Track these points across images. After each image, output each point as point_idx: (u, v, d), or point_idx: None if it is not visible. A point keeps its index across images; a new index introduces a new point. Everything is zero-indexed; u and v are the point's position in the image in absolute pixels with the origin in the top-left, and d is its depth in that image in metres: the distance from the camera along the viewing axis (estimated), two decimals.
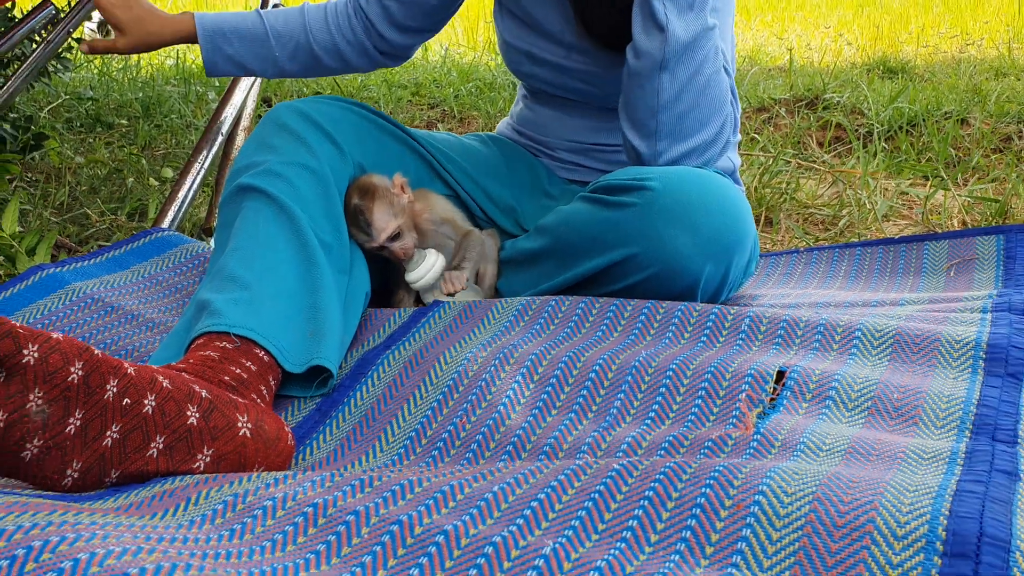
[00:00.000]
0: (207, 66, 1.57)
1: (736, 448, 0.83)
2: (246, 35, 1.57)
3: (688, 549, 0.67)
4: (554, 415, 0.96)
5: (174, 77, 4.73)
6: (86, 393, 0.83)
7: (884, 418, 0.89)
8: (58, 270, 1.39)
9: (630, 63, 1.28)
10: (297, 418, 1.06)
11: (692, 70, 1.26)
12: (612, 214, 1.20)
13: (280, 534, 0.72)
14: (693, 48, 1.25)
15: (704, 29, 1.26)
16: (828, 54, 6.24)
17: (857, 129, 3.29)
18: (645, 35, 1.26)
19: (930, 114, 3.34)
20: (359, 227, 1.30)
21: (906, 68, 5.44)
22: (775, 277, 1.68)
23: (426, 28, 1.64)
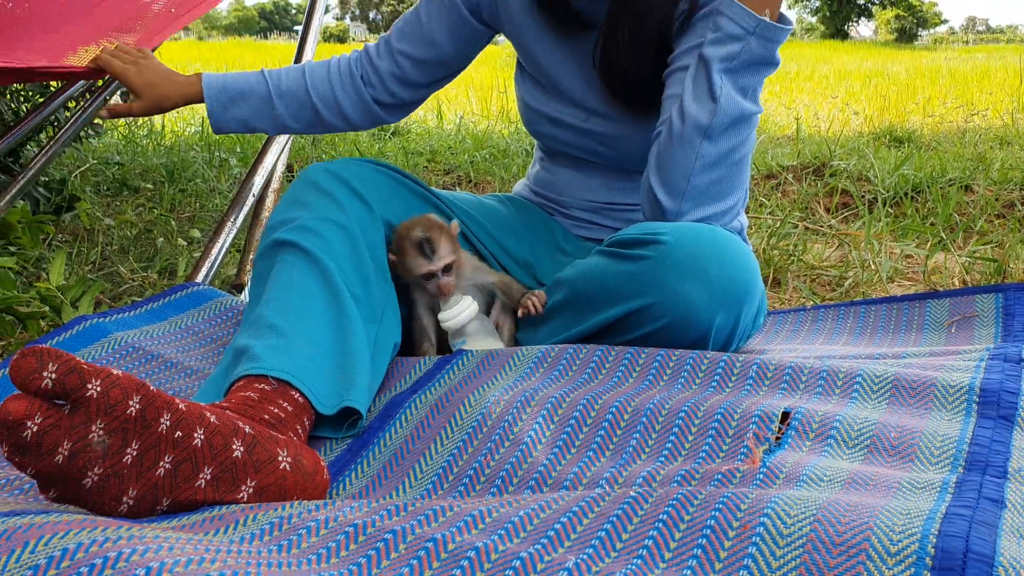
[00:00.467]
0: (214, 126, 1.66)
1: (744, 479, 0.89)
2: (250, 96, 1.66)
3: (699, 564, 0.73)
4: (574, 453, 1.03)
5: (197, 143, 4.87)
6: (142, 425, 0.90)
7: (882, 455, 0.95)
8: (100, 320, 1.47)
9: (674, 124, 1.37)
10: (330, 457, 1.13)
11: (732, 145, 1.35)
12: (628, 266, 1.28)
13: (324, 549, 0.78)
14: (738, 126, 1.35)
15: (752, 113, 1.35)
16: (835, 123, 6.38)
17: (863, 195, 3.39)
18: (695, 101, 1.35)
19: (934, 181, 3.43)
20: (422, 253, 1.39)
21: (912, 137, 5.56)
22: (783, 334, 1.75)
23: (436, 82, 1.72)
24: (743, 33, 1.32)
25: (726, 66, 1.33)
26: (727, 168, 1.37)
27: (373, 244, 1.40)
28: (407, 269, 1.42)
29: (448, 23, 1.65)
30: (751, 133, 1.39)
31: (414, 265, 1.40)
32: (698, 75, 1.35)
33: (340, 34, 65.35)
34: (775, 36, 1.32)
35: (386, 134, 5.70)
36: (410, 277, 1.43)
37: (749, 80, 1.35)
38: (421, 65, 1.67)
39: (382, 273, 1.40)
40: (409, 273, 1.42)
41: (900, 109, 7.82)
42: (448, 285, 1.41)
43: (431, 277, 1.40)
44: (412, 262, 1.40)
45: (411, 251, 1.40)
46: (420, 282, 1.42)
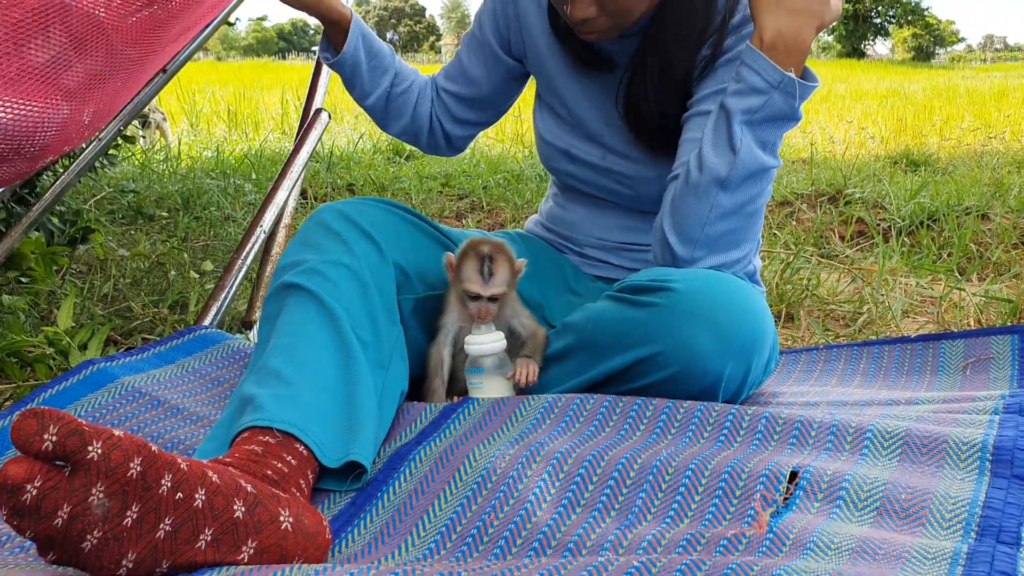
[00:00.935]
0: (337, 62, 1.65)
1: (750, 546, 0.88)
2: (378, 55, 1.68)
3: None
4: (579, 512, 1.01)
5: (213, 170, 4.90)
6: (143, 488, 0.89)
7: (892, 518, 0.94)
8: (107, 365, 1.47)
9: (691, 173, 1.36)
10: (333, 511, 1.12)
11: (748, 197, 1.34)
12: (637, 313, 1.27)
13: None
14: (755, 179, 1.34)
15: (770, 167, 1.35)
16: (851, 147, 6.36)
17: (879, 224, 3.36)
18: (714, 151, 1.34)
19: (951, 209, 3.40)
20: (480, 272, 1.38)
21: (929, 160, 5.53)
22: (795, 374, 1.73)
23: (482, 121, 1.78)
24: (766, 87, 1.31)
25: (747, 119, 1.32)
26: (742, 219, 1.36)
27: (383, 286, 1.40)
28: (458, 279, 1.41)
29: (482, 60, 1.70)
30: (768, 186, 1.38)
31: (467, 280, 1.39)
32: (719, 125, 1.35)
33: None
34: (800, 92, 1.31)
35: (401, 158, 5.72)
36: (456, 287, 1.42)
37: (769, 135, 1.34)
38: (465, 103, 1.73)
39: (391, 317, 1.40)
40: (457, 283, 1.41)
41: (917, 131, 7.79)
42: (489, 313, 1.40)
43: (477, 299, 1.40)
44: (467, 275, 1.39)
45: (471, 265, 1.39)
46: (463, 297, 1.41)
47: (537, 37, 1.61)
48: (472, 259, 1.40)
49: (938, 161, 5.56)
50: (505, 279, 1.41)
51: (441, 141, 1.79)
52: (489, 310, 1.40)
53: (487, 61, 1.69)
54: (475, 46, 1.70)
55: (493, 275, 1.39)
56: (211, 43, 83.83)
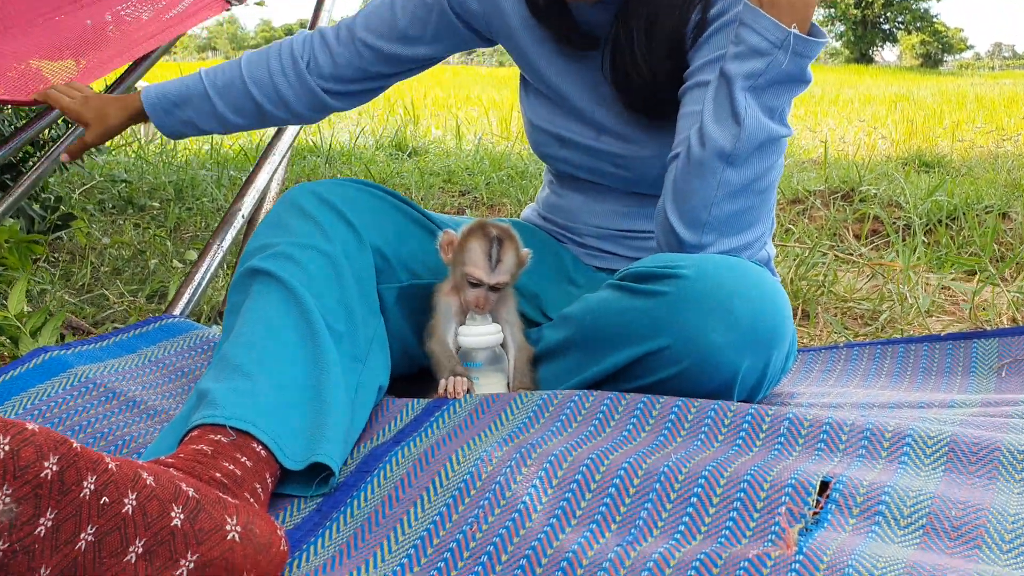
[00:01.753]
0: (165, 133, 1.60)
1: (776, 569, 0.74)
2: (190, 98, 1.58)
3: None
4: (575, 524, 0.88)
5: (208, 161, 4.77)
6: (60, 491, 0.76)
7: (942, 538, 0.80)
8: (61, 353, 1.34)
9: (692, 149, 1.22)
10: (296, 519, 0.98)
11: (758, 172, 1.20)
12: (642, 303, 1.13)
13: None
14: (764, 151, 1.20)
15: (780, 136, 1.21)
16: (862, 147, 6.22)
17: (895, 222, 3.22)
18: (716, 123, 1.20)
19: (970, 207, 3.26)
20: (487, 257, 1.25)
21: (942, 162, 5.39)
22: (814, 374, 1.60)
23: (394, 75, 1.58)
24: (769, 47, 1.17)
25: (750, 84, 1.18)
26: (752, 197, 1.22)
27: (360, 274, 1.26)
28: (460, 262, 1.27)
29: (427, 23, 1.50)
30: (779, 159, 1.24)
31: (471, 263, 1.25)
32: (719, 94, 1.21)
33: None
34: (806, 51, 1.17)
35: (403, 154, 5.58)
36: (456, 270, 1.28)
37: (777, 100, 1.20)
38: (387, 59, 1.54)
39: (369, 306, 1.26)
40: (459, 266, 1.27)
41: (928, 133, 7.64)
42: (487, 303, 1.26)
43: (477, 286, 1.26)
44: (472, 259, 1.25)
45: (478, 247, 1.25)
46: (462, 283, 1.27)
47: (513, 21, 1.46)
48: (479, 240, 1.26)
49: (951, 163, 5.41)
50: (511, 268, 1.27)
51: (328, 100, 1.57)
52: (488, 299, 1.26)
53: (434, 24, 1.49)
54: (418, 7, 1.49)
55: (500, 261, 1.26)
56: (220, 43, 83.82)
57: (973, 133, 7.59)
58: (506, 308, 1.32)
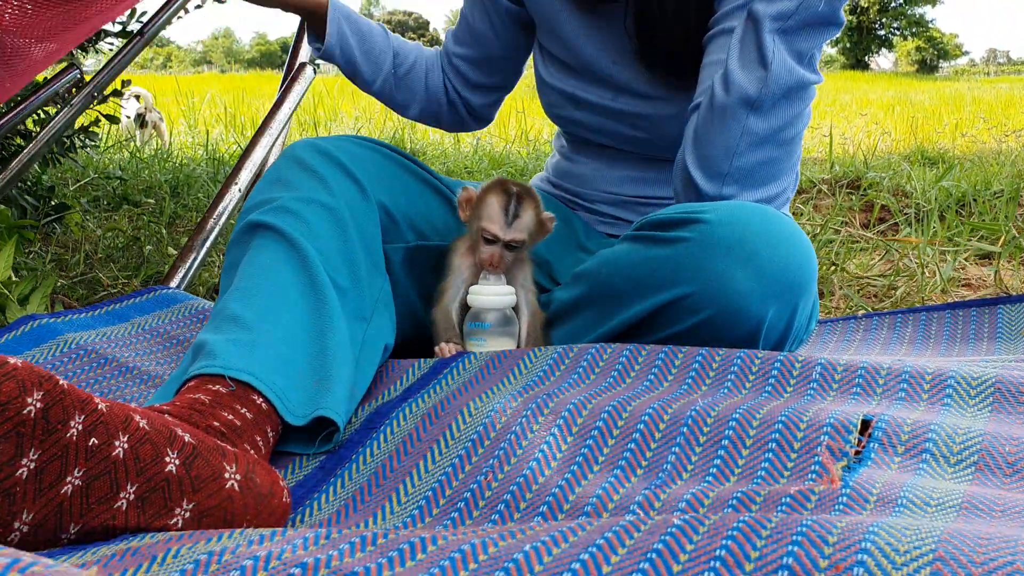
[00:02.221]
0: (325, 50, 1.48)
1: (821, 504, 0.68)
2: (368, 37, 1.51)
3: None
4: (596, 472, 0.82)
5: (204, 161, 4.72)
6: (44, 430, 0.70)
7: (996, 474, 0.74)
8: (51, 320, 1.28)
9: (716, 95, 1.17)
10: (297, 476, 0.92)
11: (785, 120, 1.15)
12: (662, 251, 1.07)
13: None
14: (792, 98, 1.15)
15: (810, 82, 1.15)
16: (865, 143, 6.16)
17: (903, 210, 3.17)
18: (742, 68, 1.15)
19: (979, 193, 3.21)
20: (504, 210, 1.19)
21: (945, 157, 5.34)
22: (832, 344, 1.54)
23: (500, 84, 1.61)
24: None
25: (779, 26, 1.13)
26: (777, 147, 1.16)
27: (365, 230, 1.21)
28: (477, 217, 1.21)
29: (484, 11, 1.51)
30: (807, 107, 1.18)
31: (487, 218, 1.20)
32: (746, 37, 1.15)
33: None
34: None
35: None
36: (473, 227, 1.22)
37: (807, 43, 1.15)
38: (478, 65, 1.56)
39: (374, 264, 1.20)
40: (475, 222, 1.22)
41: (929, 131, 7.59)
42: (501, 262, 1.20)
43: (493, 243, 1.20)
44: (488, 213, 1.20)
45: (495, 202, 1.20)
46: (477, 240, 1.21)
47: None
48: (497, 195, 1.21)
49: (954, 158, 5.36)
50: (528, 226, 1.21)
51: (463, 113, 1.61)
52: (502, 258, 1.20)
53: (489, 11, 1.50)
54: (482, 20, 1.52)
55: (518, 217, 1.20)
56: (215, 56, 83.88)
57: (975, 129, 7.55)
58: (523, 273, 1.26)
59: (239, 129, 8.18)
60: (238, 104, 10.36)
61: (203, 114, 9.19)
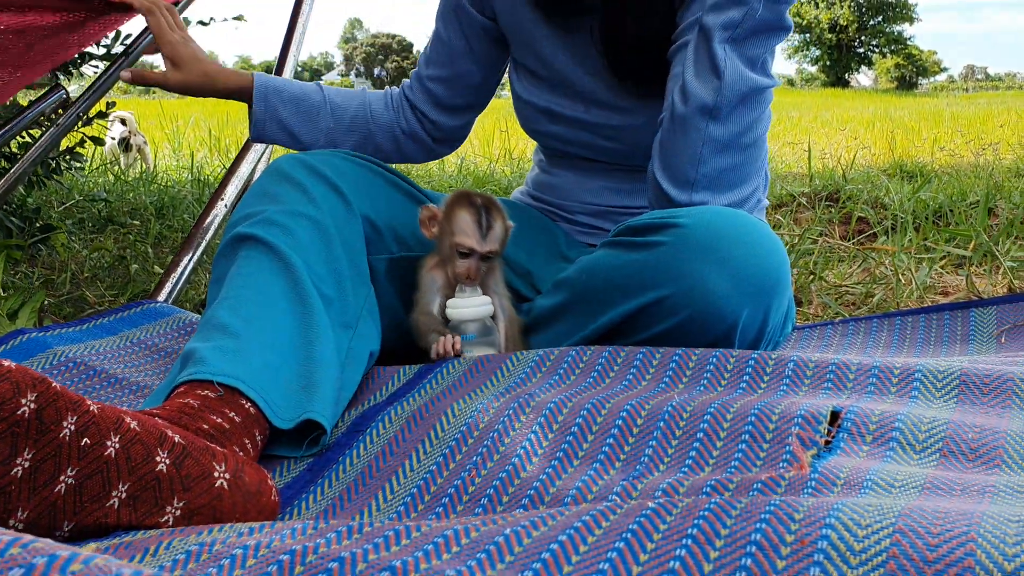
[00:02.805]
0: (255, 128, 1.49)
1: (791, 488, 0.71)
2: (302, 101, 1.50)
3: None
4: (577, 465, 0.84)
5: (188, 183, 4.73)
6: (38, 430, 0.72)
7: (959, 459, 0.77)
8: (41, 334, 1.30)
9: (676, 106, 1.20)
10: (286, 479, 0.95)
11: (743, 126, 1.18)
12: (639, 255, 1.11)
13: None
14: (748, 103, 1.18)
15: (764, 87, 1.19)
16: (844, 157, 6.23)
17: (881, 221, 3.21)
18: (697, 78, 1.18)
19: (955, 204, 3.26)
20: (477, 224, 1.21)
21: (923, 171, 5.41)
22: (809, 349, 1.57)
23: (473, 104, 1.60)
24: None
25: (729, 35, 1.17)
26: (740, 152, 1.20)
27: (349, 243, 1.23)
28: (448, 232, 1.23)
29: (459, 27, 1.52)
30: (764, 110, 1.22)
31: (461, 233, 1.21)
32: (699, 48, 1.19)
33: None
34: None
35: None
36: (444, 243, 1.24)
37: (757, 49, 1.18)
38: (452, 86, 1.56)
39: (359, 275, 1.23)
40: (447, 237, 1.23)
41: (908, 146, 7.68)
42: (478, 273, 1.22)
43: (467, 256, 1.22)
44: (461, 228, 1.21)
45: (466, 217, 1.22)
46: (450, 255, 1.23)
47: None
48: (467, 209, 1.23)
49: (932, 171, 5.43)
50: (500, 236, 1.24)
51: (427, 141, 1.60)
52: (479, 269, 1.23)
53: (464, 27, 1.52)
54: (451, 16, 1.52)
55: (491, 229, 1.22)
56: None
57: (953, 144, 7.64)
58: (494, 279, 1.29)
59: (223, 152, 8.20)
60: (222, 127, 10.37)
61: (187, 138, 9.21)
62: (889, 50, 52.29)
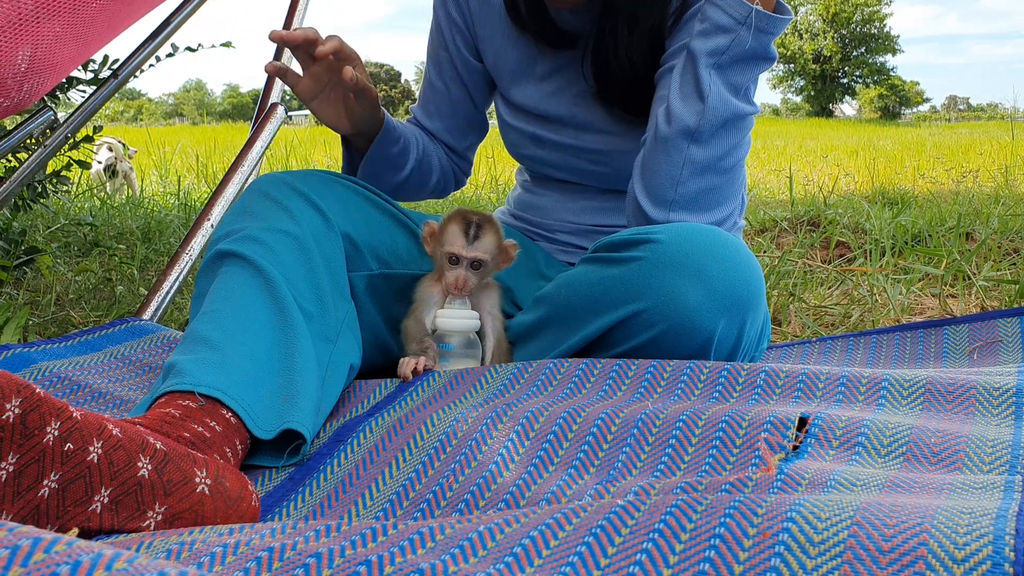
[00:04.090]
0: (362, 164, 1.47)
1: (758, 487, 0.73)
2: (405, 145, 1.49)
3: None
4: (551, 472, 0.86)
5: (175, 209, 4.74)
6: (22, 435, 0.73)
7: (922, 463, 0.79)
8: (25, 350, 1.31)
9: (659, 127, 1.23)
10: (267, 487, 0.96)
11: (723, 150, 1.21)
12: (616, 271, 1.13)
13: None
14: (729, 128, 1.21)
15: (746, 113, 1.22)
16: (827, 185, 6.30)
17: (861, 246, 3.26)
18: (682, 101, 1.21)
19: (934, 228, 3.31)
20: (465, 232, 1.25)
21: (904, 198, 5.47)
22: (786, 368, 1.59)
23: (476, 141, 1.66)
24: (733, 24, 1.19)
25: (715, 61, 1.20)
26: (718, 175, 1.23)
27: (330, 259, 1.25)
28: (440, 242, 1.27)
29: (457, 77, 1.55)
30: (745, 136, 1.25)
31: (449, 240, 1.25)
32: (685, 72, 1.22)
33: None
34: (769, 27, 1.19)
35: None
36: (437, 252, 1.28)
37: (741, 77, 1.22)
38: (456, 132, 1.60)
39: (339, 290, 1.25)
40: (438, 247, 1.27)
41: (890, 174, 7.76)
42: (466, 282, 1.25)
43: (457, 262, 1.25)
44: (450, 236, 1.26)
45: (455, 226, 1.26)
46: (443, 266, 1.26)
47: (495, 29, 1.49)
48: (457, 222, 1.27)
49: (915, 199, 5.49)
50: (490, 248, 1.27)
51: (460, 175, 1.67)
52: (467, 280, 1.25)
53: (461, 76, 1.55)
54: (447, 67, 1.55)
55: (479, 239, 1.25)
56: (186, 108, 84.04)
57: (934, 172, 7.72)
58: (490, 301, 1.31)
59: (211, 178, 8.22)
60: (210, 154, 10.40)
61: (175, 164, 9.22)
62: (872, 80, 52.90)
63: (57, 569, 0.47)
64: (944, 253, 2.41)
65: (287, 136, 10.34)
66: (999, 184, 6.13)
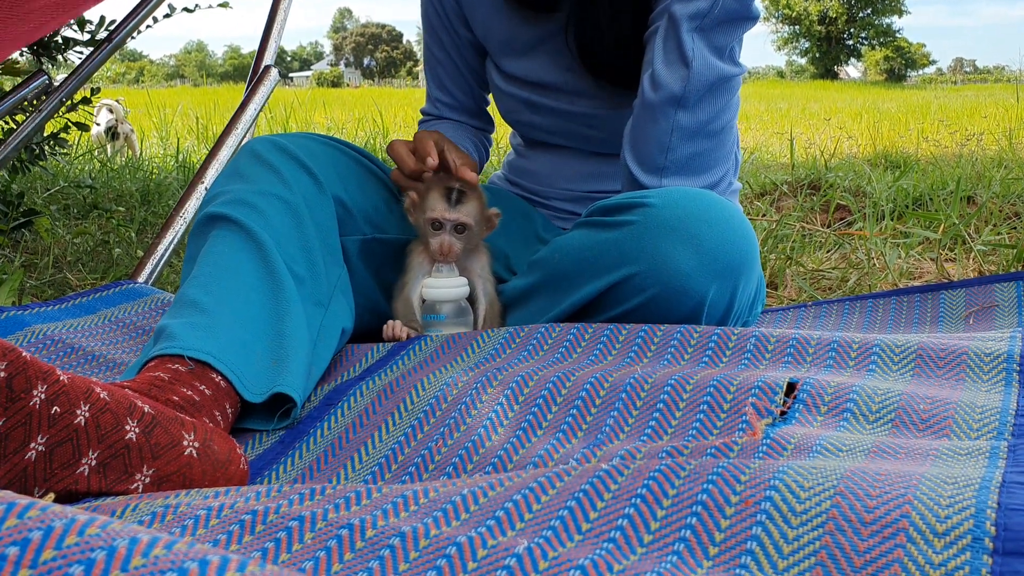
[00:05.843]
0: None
1: (743, 452, 0.73)
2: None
3: (688, 549, 0.56)
4: (539, 436, 0.86)
5: (174, 171, 4.73)
6: (8, 398, 0.73)
7: (911, 428, 0.79)
8: (18, 313, 1.31)
9: (646, 94, 1.22)
10: (258, 450, 0.96)
11: (711, 113, 1.20)
12: (609, 234, 1.12)
13: (212, 543, 0.61)
14: (715, 92, 1.20)
15: (731, 75, 1.20)
16: (829, 148, 6.27)
17: (861, 209, 3.24)
18: (666, 67, 1.20)
19: (935, 192, 3.29)
20: (446, 197, 1.24)
21: (907, 161, 5.44)
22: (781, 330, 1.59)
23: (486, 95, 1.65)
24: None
25: (696, 24, 1.18)
26: (708, 139, 1.22)
27: (321, 223, 1.24)
28: (421, 209, 1.26)
29: (453, 42, 1.54)
30: (732, 97, 1.24)
31: (430, 205, 1.24)
32: (668, 37, 1.21)
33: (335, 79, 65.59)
34: None
35: None
36: (420, 220, 1.27)
37: (724, 38, 1.20)
38: (474, 93, 1.61)
39: (331, 254, 1.24)
40: (420, 214, 1.26)
41: (894, 137, 7.72)
42: (451, 248, 1.24)
43: (440, 227, 1.24)
44: (430, 202, 1.25)
45: (436, 192, 1.25)
46: (426, 229, 1.25)
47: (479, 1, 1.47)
48: (438, 187, 1.26)
49: (917, 162, 5.46)
50: (472, 212, 1.26)
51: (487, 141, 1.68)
52: (452, 245, 1.24)
53: (459, 45, 1.54)
54: (446, 38, 1.54)
55: (460, 203, 1.24)
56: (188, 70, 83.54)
57: (938, 135, 7.67)
58: (480, 264, 1.31)
59: (211, 140, 8.18)
60: (211, 115, 10.34)
61: (175, 126, 9.18)
62: (878, 42, 52.43)
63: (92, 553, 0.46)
64: (943, 217, 2.40)
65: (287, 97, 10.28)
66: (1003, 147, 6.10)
